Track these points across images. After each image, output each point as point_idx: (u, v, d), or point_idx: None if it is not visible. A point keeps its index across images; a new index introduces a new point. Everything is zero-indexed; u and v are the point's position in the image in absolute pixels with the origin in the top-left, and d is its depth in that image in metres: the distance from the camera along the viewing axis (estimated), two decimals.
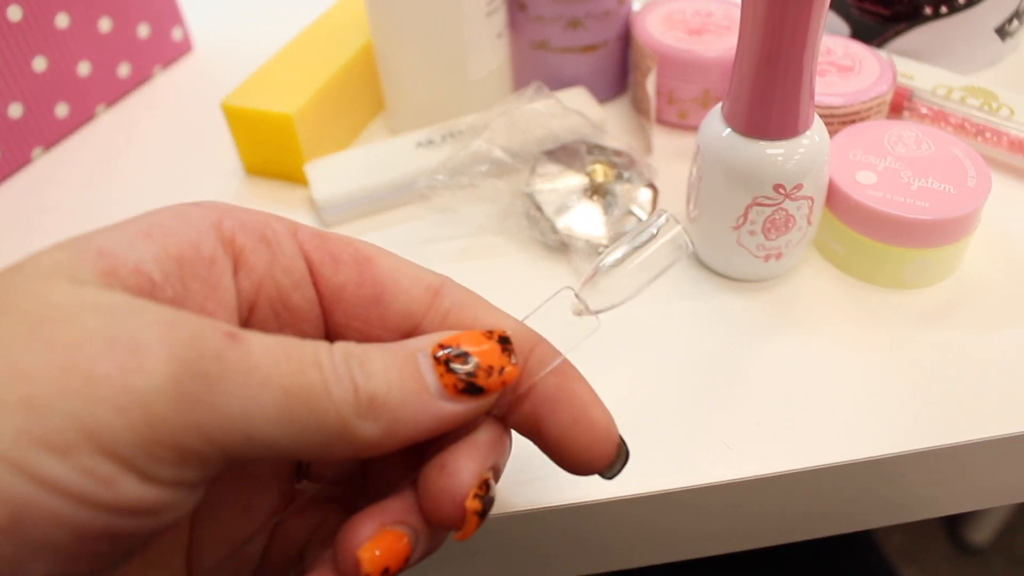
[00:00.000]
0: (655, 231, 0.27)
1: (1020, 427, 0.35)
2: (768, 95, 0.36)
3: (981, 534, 1.16)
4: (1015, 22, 0.54)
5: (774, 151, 0.37)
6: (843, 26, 0.55)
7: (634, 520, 0.36)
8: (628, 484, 0.34)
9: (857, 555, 0.65)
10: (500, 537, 0.35)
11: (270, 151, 0.50)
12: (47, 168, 0.54)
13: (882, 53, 0.48)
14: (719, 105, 0.39)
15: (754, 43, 0.35)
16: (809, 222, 0.40)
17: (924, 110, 0.49)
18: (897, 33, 0.53)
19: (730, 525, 0.38)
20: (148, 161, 0.54)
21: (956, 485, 0.38)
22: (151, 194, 0.52)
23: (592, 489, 0.34)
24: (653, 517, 0.36)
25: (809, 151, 0.38)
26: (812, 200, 0.39)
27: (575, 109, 0.47)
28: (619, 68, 0.54)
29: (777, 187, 0.38)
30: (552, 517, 0.34)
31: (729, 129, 0.38)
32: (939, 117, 0.49)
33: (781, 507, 0.37)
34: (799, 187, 0.38)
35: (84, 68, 0.55)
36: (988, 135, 0.47)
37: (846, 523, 0.39)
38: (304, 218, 0.48)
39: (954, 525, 1.19)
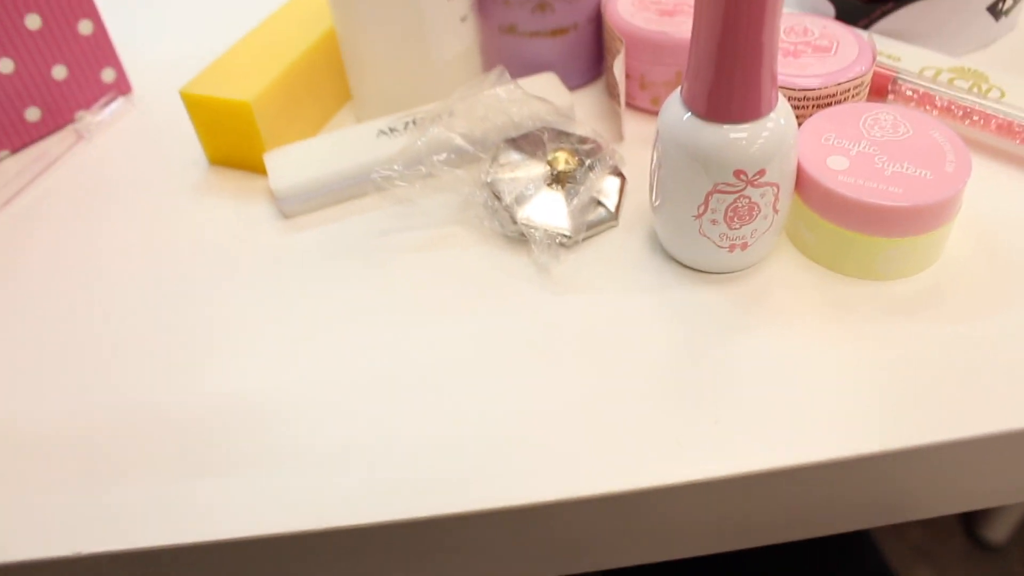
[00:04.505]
0: None
1: (1006, 424, 0.33)
2: (727, 74, 0.34)
3: (998, 532, 1.13)
4: (1009, 0, 0.51)
5: (737, 135, 0.35)
6: (828, 7, 0.52)
7: (585, 523, 0.34)
8: (578, 484, 0.32)
9: (850, 556, 0.63)
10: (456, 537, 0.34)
11: (231, 140, 0.48)
12: (11, 169, 0.53)
13: (863, 34, 0.46)
14: (679, 89, 0.37)
15: (711, 20, 0.33)
16: (775, 210, 0.38)
17: (909, 92, 0.46)
18: (884, 13, 0.50)
19: (688, 528, 0.36)
20: (112, 152, 0.53)
21: (938, 486, 0.36)
22: (115, 182, 0.51)
23: (541, 489, 0.33)
24: (604, 520, 0.34)
25: (774, 135, 0.36)
26: (777, 187, 0.37)
27: (539, 95, 0.45)
28: (592, 52, 0.52)
29: (738, 173, 0.36)
30: (500, 519, 0.33)
31: (689, 113, 0.36)
32: (925, 100, 0.46)
33: (739, 509, 0.35)
34: (762, 173, 0.36)
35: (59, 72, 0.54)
36: (976, 118, 0.45)
37: (817, 526, 0.37)
38: (264, 209, 0.47)
39: (971, 522, 1.16)
